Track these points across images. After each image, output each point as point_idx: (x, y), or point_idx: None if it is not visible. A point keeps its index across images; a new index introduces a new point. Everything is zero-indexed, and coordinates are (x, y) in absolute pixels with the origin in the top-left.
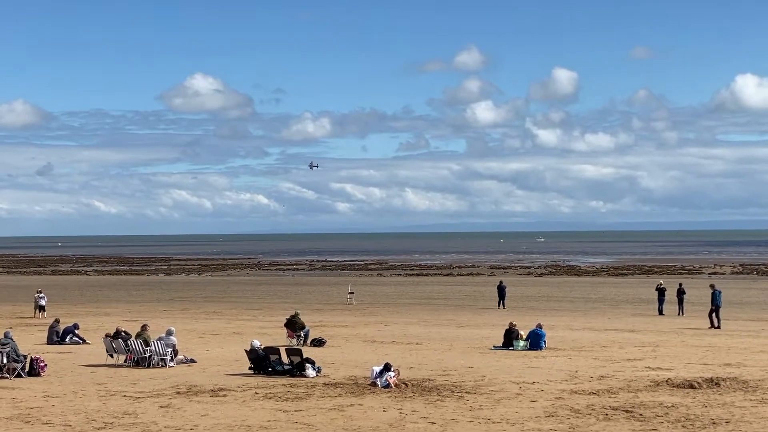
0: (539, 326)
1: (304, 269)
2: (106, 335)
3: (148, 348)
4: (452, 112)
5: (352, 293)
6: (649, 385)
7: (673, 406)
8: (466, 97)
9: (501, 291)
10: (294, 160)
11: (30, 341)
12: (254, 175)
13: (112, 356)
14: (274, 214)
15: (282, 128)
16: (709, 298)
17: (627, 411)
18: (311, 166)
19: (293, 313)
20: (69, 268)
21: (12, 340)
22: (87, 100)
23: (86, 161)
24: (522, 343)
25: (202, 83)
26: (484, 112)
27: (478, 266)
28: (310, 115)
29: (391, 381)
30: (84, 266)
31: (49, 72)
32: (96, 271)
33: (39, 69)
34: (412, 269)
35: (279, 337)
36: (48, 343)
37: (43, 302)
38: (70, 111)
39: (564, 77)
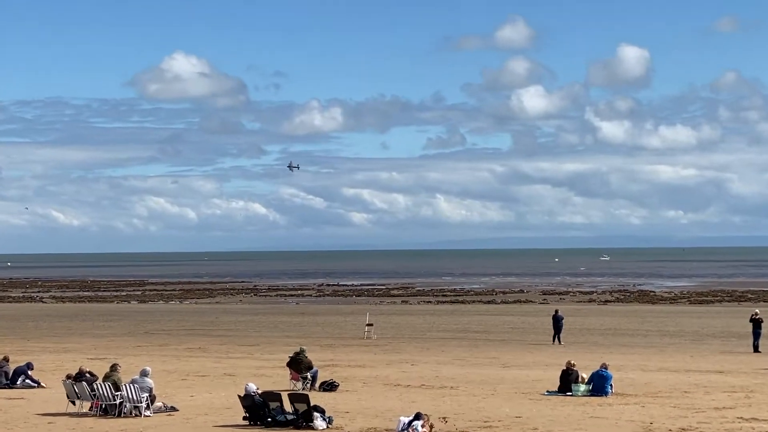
0: (604, 366)
1: (311, 295)
2: (67, 377)
3: (119, 393)
4: (493, 100)
5: (371, 325)
6: None
7: None
8: (511, 82)
9: (556, 322)
10: (298, 159)
11: None
12: (249, 178)
13: (74, 403)
14: (273, 226)
15: (283, 121)
16: None
17: None
18: (290, 167)
19: (298, 350)
20: (20, 294)
21: None
22: (42, 86)
23: (41, 162)
24: (583, 387)
25: (183, 65)
26: (532, 99)
27: (527, 291)
28: (318, 105)
29: None
30: (39, 292)
31: None
32: (54, 297)
33: None
34: (445, 295)
35: (280, 380)
36: None
37: None
38: (21, 100)
39: (632, 56)
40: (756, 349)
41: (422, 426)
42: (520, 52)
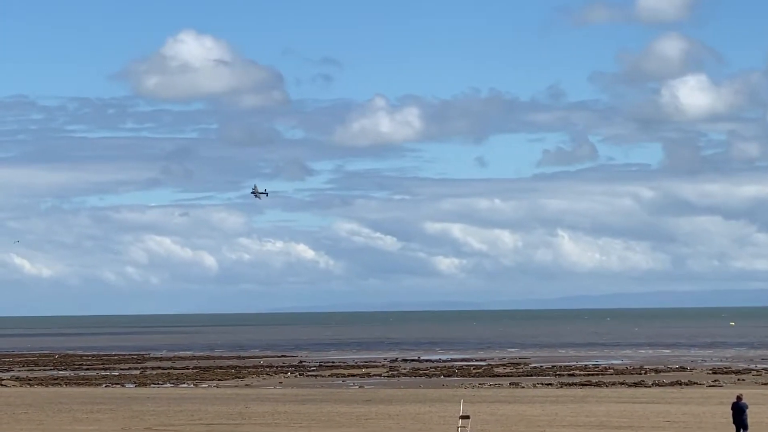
0: None
1: (380, 375)
2: None
3: None
4: (635, 96)
5: (467, 418)
6: None
7: None
8: (660, 69)
9: (739, 414)
10: (359, 180)
11: None
12: (290, 208)
13: None
14: (326, 276)
15: (335, 127)
16: None
17: None
18: (256, 193)
19: None
20: None
21: None
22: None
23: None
24: None
25: (193, 49)
26: (692, 94)
27: (689, 369)
28: (385, 104)
29: None
30: None
31: None
32: (17, 378)
33: None
34: (572, 375)
35: None
36: None
37: None
38: None
39: None
40: None
41: None
42: (671, 27)
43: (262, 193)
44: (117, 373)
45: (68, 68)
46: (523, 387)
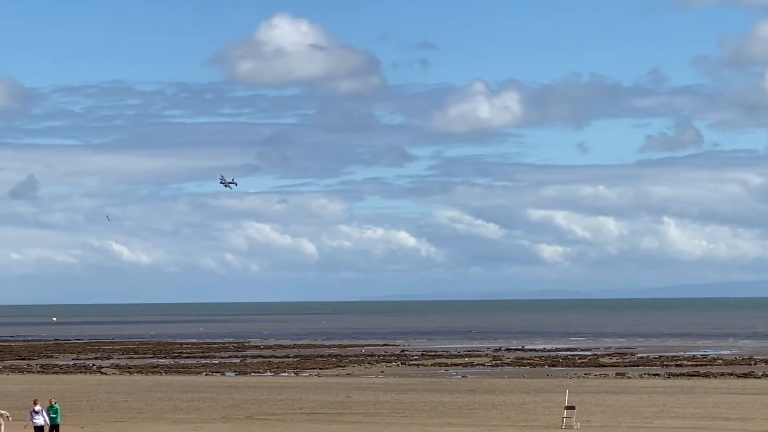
0: None
1: (483, 365)
2: None
3: None
4: (741, 81)
5: (572, 408)
6: None
7: None
8: (764, 54)
9: None
10: (460, 166)
11: None
12: (390, 195)
13: None
14: (427, 264)
15: (434, 112)
16: None
17: None
18: (225, 183)
19: None
20: (71, 362)
21: None
22: (96, 68)
23: (96, 173)
24: None
25: (288, 34)
26: None
27: None
28: (484, 89)
29: None
30: (96, 358)
31: (28, 25)
32: (117, 367)
33: (11, 21)
34: (679, 365)
35: None
36: None
37: (40, 421)
38: (67, 86)
39: None
40: None
41: None
42: None
43: (231, 182)
44: (217, 362)
45: (163, 53)
46: (629, 377)
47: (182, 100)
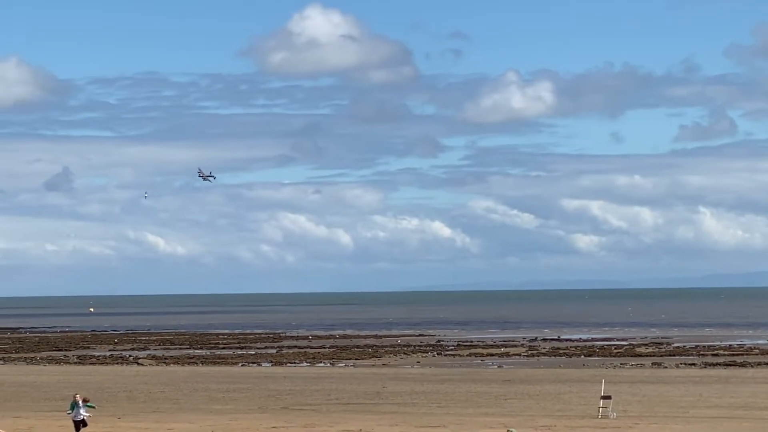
0: None
1: (519, 355)
2: None
3: None
4: None
5: (609, 398)
6: None
7: None
8: None
9: None
10: (494, 156)
11: None
12: (425, 186)
13: None
14: (462, 254)
15: (467, 103)
16: None
17: None
18: (203, 176)
19: None
20: (107, 353)
21: None
22: (131, 59)
23: (130, 165)
24: None
25: (321, 25)
26: None
27: None
28: (518, 79)
29: None
30: (133, 349)
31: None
32: (154, 357)
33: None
34: (716, 355)
35: None
36: None
37: (83, 415)
38: (102, 78)
39: None
40: None
41: None
42: None
43: (209, 176)
44: (253, 353)
45: (197, 45)
46: (666, 367)
47: (216, 91)
